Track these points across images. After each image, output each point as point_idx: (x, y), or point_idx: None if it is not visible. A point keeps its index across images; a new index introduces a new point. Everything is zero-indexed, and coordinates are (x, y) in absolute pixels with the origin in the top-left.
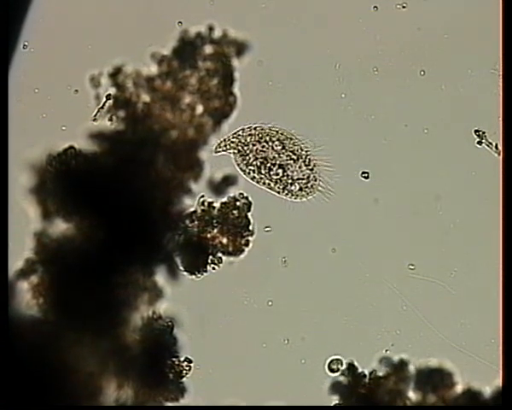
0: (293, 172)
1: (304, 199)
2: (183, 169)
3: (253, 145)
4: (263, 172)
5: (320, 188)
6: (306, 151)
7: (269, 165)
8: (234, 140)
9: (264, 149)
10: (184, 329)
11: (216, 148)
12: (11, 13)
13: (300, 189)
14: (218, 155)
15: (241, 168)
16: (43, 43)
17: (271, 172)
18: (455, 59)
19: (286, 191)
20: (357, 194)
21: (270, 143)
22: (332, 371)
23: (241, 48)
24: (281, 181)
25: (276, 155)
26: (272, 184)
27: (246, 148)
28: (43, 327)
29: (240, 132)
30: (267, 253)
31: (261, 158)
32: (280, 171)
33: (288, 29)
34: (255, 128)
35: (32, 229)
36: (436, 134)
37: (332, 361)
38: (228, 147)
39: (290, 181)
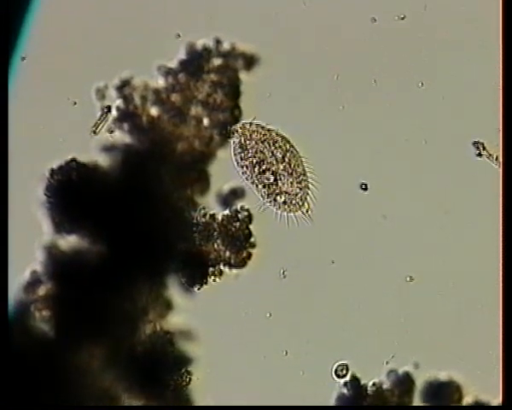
0: (283, 184)
1: (283, 213)
2: (189, 181)
3: (256, 143)
4: (255, 171)
5: (302, 210)
6: (303, 170)
7: (264, 167)
8: (239, 130)
9: (265, 151)
10: (184, 341)
11: (227, 133)
12: (12, 24)
13: (284, 202)
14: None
15: (235, 159)
16: (41, 55)
17: (263, 176)
18: (454, 70)
19: (270, 198)
20: (355, 205)
21: (273, 148)
22: (338, 376)
23: (250, 61)
24: (269, 187)
25: (274, 162)
26: (260, 187)
27: (248, 142)
28: (48, 338)
29: (247, 125)
30: (266, 265)
31: (259, 158)
32: (271, 177)
33: (287, 41)
34: (263, 127)
35: (40, 241)
36: (435, 145)
37: (338, 367)
38: (232, 134)
39: (277, 191)
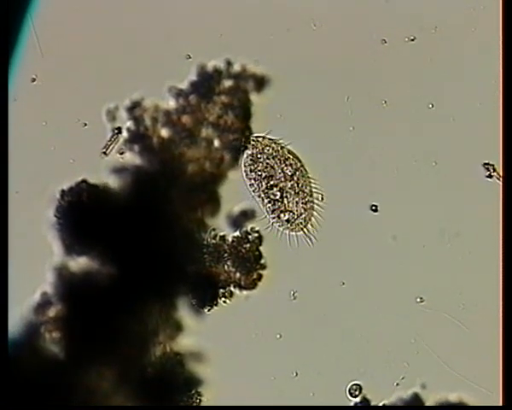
0: (289, 202)
1: (285, 231)
2: (199, 203)
3: (267, 158)
4: (263, 185)
5: (304, 231)
6: (311, 191)
7: (272, 183)
8: (252, 142)
9: (275, 167)
10: (194, 362)
11: (240, 144)
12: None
13: (287, 220)
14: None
15: (245, 170)
16: (51, 76)
17: (270, 191)
18: (464, 92)
19: (274, 214)
20: (365, 227)
21: (283, 165)
22: (351, 394)
23: (260, 83)
24: (274, 203)
25: (283, 179)
26: (266, 201)
27: (259, 156)
28: (58, 360)
29: (260, 138)
30: (276, 286)
31: (268, 173)
32: (278, 194)
33: (297, 62)
34: (276, 143)
35: (51, 263)
36: (445, 166)
37: (352, 386)
38: (244, 146)
39: (282, 208)
